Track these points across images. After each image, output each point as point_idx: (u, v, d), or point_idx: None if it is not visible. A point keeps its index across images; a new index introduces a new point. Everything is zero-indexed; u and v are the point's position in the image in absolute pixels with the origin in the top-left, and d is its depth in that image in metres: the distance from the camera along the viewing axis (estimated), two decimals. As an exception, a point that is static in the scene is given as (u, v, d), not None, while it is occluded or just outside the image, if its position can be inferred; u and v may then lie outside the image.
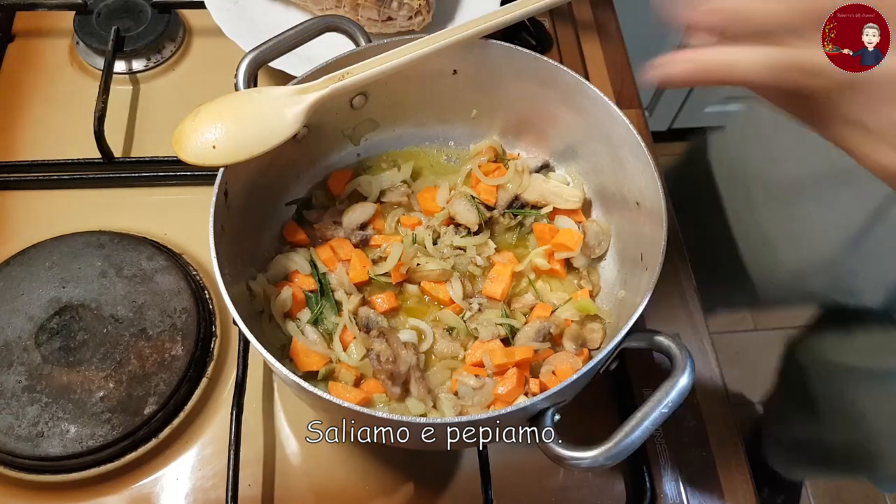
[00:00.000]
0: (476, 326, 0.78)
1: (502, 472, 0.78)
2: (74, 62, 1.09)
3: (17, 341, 0.80)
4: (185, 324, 0.83)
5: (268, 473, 0.79)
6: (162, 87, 1.08)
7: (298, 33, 0.80)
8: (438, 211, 0.85)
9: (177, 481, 0.78)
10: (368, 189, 0.87)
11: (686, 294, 0.92)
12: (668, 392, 0.59)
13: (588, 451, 0.58)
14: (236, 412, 0.77)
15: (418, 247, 0.83)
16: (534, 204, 0.86)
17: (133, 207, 0.96)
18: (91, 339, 0.81)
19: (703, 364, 0.87)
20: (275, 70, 0.96)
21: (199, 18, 1.13)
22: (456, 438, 0.73)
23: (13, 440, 0.75)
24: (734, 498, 0.80)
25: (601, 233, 0.83)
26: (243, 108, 0.72)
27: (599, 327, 0.79)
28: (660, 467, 0.81)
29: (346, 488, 0.79)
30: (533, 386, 0.73)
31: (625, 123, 0.75)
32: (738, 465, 0.82)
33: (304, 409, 0.82)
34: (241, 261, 0.77)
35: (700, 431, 0.83)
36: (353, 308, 0.78)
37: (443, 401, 0.73)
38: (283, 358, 0.76)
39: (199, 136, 0.69)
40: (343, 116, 0.86)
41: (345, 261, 0.82)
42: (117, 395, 0.78)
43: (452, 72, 0.83)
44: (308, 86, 0.74)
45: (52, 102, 1.05)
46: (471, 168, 0.87)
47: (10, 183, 0.97)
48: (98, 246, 0.87)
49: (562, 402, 0.63)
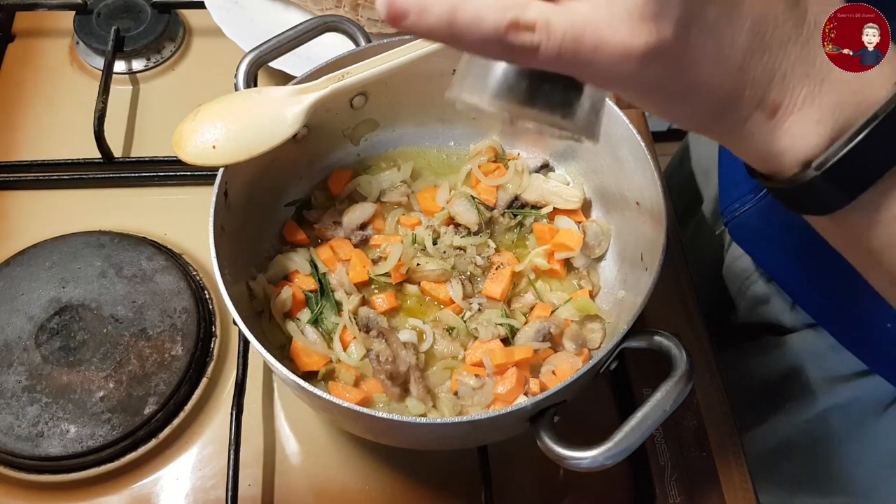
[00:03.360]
0: (476, 326, 0.77)
1: (502, 472, 0.78)
2: (74, 62, 1.09)
3: (17, 341, 0.80)
4: (185, 324, 0.83)
5: (268, 473, 0.79)
6: (162, 87, 1.08)
7: (298, 33, 0.80)
8: (438, 211, 0.85)
9: (177, 481, 0.78)
10: (368, 189, 0.87)
11: (686, 294, 0.92)
12: (668, 392, 0.59)
13: (588, 451, 0.58)
14: (236, 412, 0.77)
15: (418, 247, 0.83)
16: (534, 204, 0.86)
17: (133, 207, 0.96)
18: (91, 339, 0.81)
19: (703, 364, 0.87)
20: (275, 70, 0.95)
21: (199, 18, 1.13)
22: (456, 438, 0.73)
23: (13, 440, 0.75)
24: (734, 498, 0.80)
25: (601, 233, 0.83)
26: (243, 108, 0.72)
27: (599, 327, 0.79)
28: (660, 467, 0.81)
29: (346, 488, 0.79)
30: (533, 386, 0.73)
31: (625, 123, 0.75)
32: (738, 465, 0.81)
33: (304, 409, 0.82)
34: (241, 261, 0.77)
35: (700, 431, 0.83)
36: (353, 308, 0.78)
37: (443, 401, 0.73)
38: (283, 358, 0.75)
39: (199, 136, 0.69)
40: (343, 116, 0.86)
41: (345, 261, 0.82)
42: (117, 395, 0.78)
43: (452, 72, 0.82)
44: (308, 86, 0.74)
45: (52, 102, 1.05)
46: (471, 168, 0.87)
47: (10, 183, 0.97)
48: (98, 246, 0.87)
49: (562, 402, 0.63)
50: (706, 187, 1.11)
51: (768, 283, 0.94)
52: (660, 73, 0.41)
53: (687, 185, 1.16)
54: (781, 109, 0.44)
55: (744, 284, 0.98)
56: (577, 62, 0.40)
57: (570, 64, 0.40)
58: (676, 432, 0.83)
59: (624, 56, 0.39)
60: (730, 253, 1.01)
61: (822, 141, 0.44)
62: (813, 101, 0.44)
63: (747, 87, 0.43)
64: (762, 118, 0.44)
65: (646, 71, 0.40)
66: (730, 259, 1.00)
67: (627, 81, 0.42)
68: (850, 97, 0.44)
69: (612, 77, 0.41)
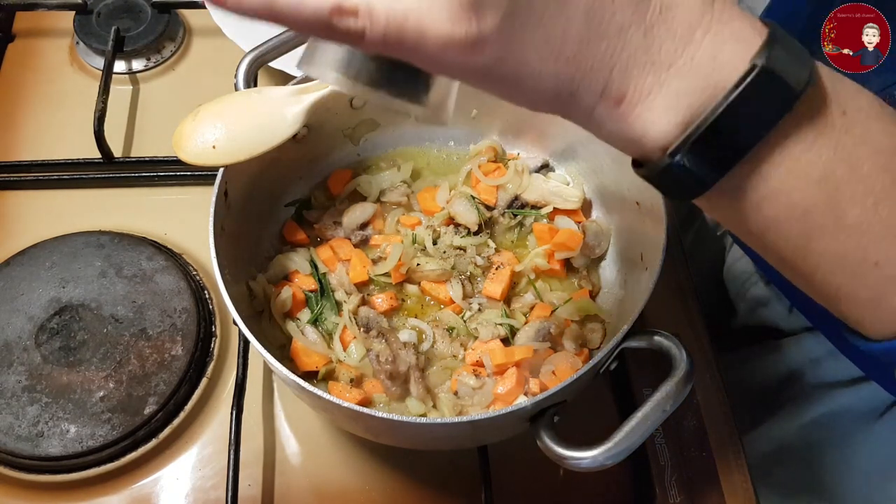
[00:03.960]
0: (476, 326, 0.77)
1: (502, 472, 0.78)
2: (74, 62, 1.09)
3: (17, 341, 0.80)
4: (185, 324, 0.83)
5: (268, 473, 0.79)
6: (162, 87, 1.08)
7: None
8: (438, 211, 0.85)
9: (177, 481, 0.78)
10: (368, 189, 0.87)
11: (686, 294, 0.92)
12: (668, 392, 0.59)
13: (588, 451, 0.58)
14: (236, 412, 0.77)
15: (418, 247, 0.83)
16: (534, 204, 0.86)
17: (133, 207, 0.96)
18: (91, 339, 0.81)
19: (703, 364, 0.87)
20: (275, 70, 0.96)
21: (199, 18, 1.13)
22: (456, 438, 0.73)
23: (13, 440, 0.75)
24: (734, 498, 0.80)
25: (601, 233, 0.83)
26: (243, 108, 0.72)
27: (599, 327, 0.79)
28: (660, 467, 0.81)
29: (346, 488, 0.79)
30: (533, 386, 0.73)
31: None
32: (738, 465, 0.81)
33: (304, 409, 0.82)
34: (241, 261, 0.77)
35: (700, 431, 0.83)
36: (353, 308, 0.78)
37: (442, 401, 0.73)
38: (283, 358, 0.75)
39: (199, 136, 0.69)
40: (343, 116, 0.86)
41: (345, 261, 0.82)
42: (117, 395, 0.78)
43: (452, 72, 0.83)
44: (308, 86, 0.74)
45: (52, 102, 1.05)
46: (471, 168, 0.87)
47: (10, 183, 0.97)
48: (98, 246, 0.87)
49: (562, 402, 0.63)
50: None
51: (767, 286, 0.94)
52: (486, 61, 0.41)
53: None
54: (627, 98, 0.43)
55: (743, 287, 0.98)
56: (403, 49, 0.40)
57: (397, 50, 0.40)
58: (676, 432, 0.83)
59: (447, 44, 0.39)
60: (731, 255, 1.01)
61: (674, 128, 0.43)
62: (661, 89, 0.43)
63: (585, 77, 0.42)
64: (609, 106, 0.44)
65: (472, 60, 0.40)
66: (731, 261, 1.00)
67: (456, 68, 0.42)
68: (701, 81, 0.42)
69: (440, 64, 0.41)
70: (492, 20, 0.39)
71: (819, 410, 0.91)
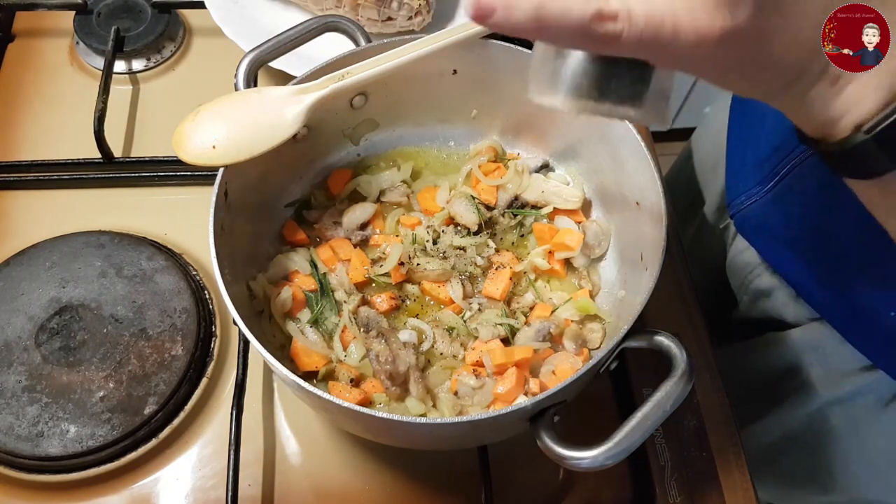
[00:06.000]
0: (476, 326, 0.78)
1: (502, 472, 0.78)
2: (74, 62, 1.09)
3: (17, 341, 0.80)
4: (185, 324, 0.83)
5: (268, 473, 0.79)
6: (162, 87, 1.08)
7: (298, 33, 0.80)
8: (438, 211, 0.85)
9: (177, 481, 0.78)
10: (368, 189, 0.87)
11: (686, 294, 0.92)
12: (668, 392, 0.59)
13: (588, 451, 0.58)
14: (236, 412, 0.77)
15: (418, 247, 0.83)
16: (534, 204, 0.86)
17: (133, 207, 0.96)
18: (91, 339, 0.81)
19: (703, 364, 0.87)
20: (275, 70, 0.96)
21: (199, 18, 1.13)
22: (456, 438, 0.73)
23: (13, 440, 0.75)
24: (734, 498, 0.80)
25: (601, 233, 0.83)
26: (243, 108, 0.72)
27: (599, 327, 0.79)
28: (660, 467, 0.81)
29: (346, 488, 0.79)
30: (533, 386, 0.73)
31: (624, 123, 0.75)
32: (738, 465, 0.82)
33: (304, 409, 0.82)
34: (241, 261, 0.77)
35: (700, 431, 0.83)
36: (353, 308, 0.79)
37: (442, 401, 0.73)
38: (283, 358, 0.76)
39: (199, 136, 0.69)
40: (343, 116, 0.86)
41: (345, 261, 0.82)
42: (117, 395, 0.78)
43: (452, 72, 0.83)
44: (308, 86, 0.74)
45: (52, 102, 1.05)
46: (471, 168, 0.87)
47: (10, 183, 0.97)
48: (98, 246, 0.87)
49: (562, 402, 0.63)
50: (712, 182, 1.12)
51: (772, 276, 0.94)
52: (735, 53, 0.43)
53: (692, 180, 1.17)
54: (844, 77, 0.46)
55: (747, 278, 0.99)
56: (656, 47, 0.42)
57: (650, 49, 0.43)
58: (676, 432, 0.83)
59: (701, 39, 0.42)
60: (734, 247, 1.01)
61: (877, 106, 0.46)
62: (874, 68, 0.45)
63: (812, 59, 0.45)
64: (825, 86, 0.46)
65: (721, 52, 0.43)
66: (733, 253, 1.01)
67: (703, 62, 0.44)
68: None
69: (688, 59, 0.44)
70: (746, 14, 0.41)
71: (824, 400, 0.91)
